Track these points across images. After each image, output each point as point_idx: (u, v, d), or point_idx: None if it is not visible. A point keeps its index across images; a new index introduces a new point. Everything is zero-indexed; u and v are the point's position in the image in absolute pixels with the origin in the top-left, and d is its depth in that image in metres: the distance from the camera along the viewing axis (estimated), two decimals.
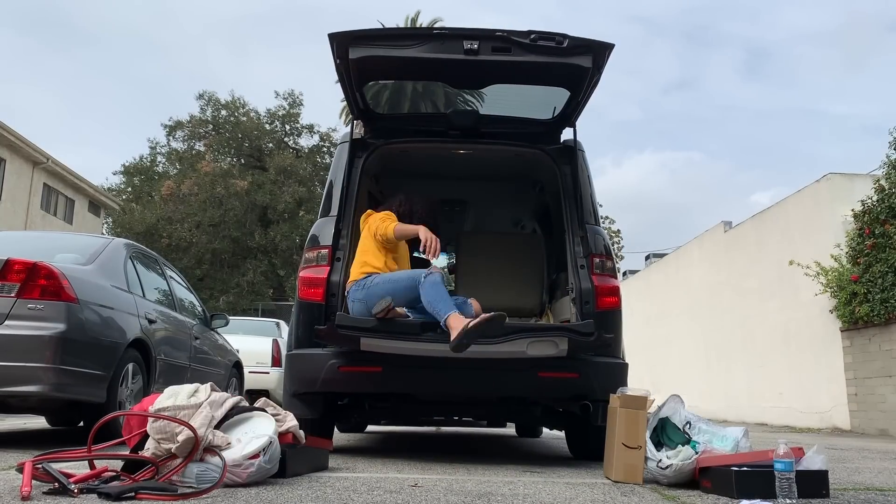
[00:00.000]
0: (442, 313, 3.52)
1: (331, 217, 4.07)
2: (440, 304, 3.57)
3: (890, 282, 8.89)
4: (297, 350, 3.88)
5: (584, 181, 4.21)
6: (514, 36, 3.65)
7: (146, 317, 4.85)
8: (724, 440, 2.92)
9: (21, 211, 22.89)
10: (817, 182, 11.06)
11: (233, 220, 28.28)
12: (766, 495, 2.46)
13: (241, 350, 7.79)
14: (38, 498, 2.11)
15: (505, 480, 2.96)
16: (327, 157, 31.09)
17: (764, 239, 12.59)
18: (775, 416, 11.77)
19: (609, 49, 3.68)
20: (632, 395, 3.08)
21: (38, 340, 3.83)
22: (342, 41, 3.69)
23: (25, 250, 4.30)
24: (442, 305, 3.56)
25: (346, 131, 4.45)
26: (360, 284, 3.74)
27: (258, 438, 2.55)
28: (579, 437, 4.37)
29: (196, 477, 2.40)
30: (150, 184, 31.95)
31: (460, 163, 4.93)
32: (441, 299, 3.57)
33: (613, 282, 3.97)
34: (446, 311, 3.52)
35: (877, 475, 3.66)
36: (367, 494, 2.39)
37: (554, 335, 3.58)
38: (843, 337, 10.06)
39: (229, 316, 7.26)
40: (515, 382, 3.72)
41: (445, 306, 3.55)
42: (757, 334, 12.66)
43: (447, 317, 3.48)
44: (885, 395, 9.12)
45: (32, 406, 4.46)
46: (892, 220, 8.99)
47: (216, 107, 31.49)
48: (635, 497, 2.58)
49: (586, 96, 4.05)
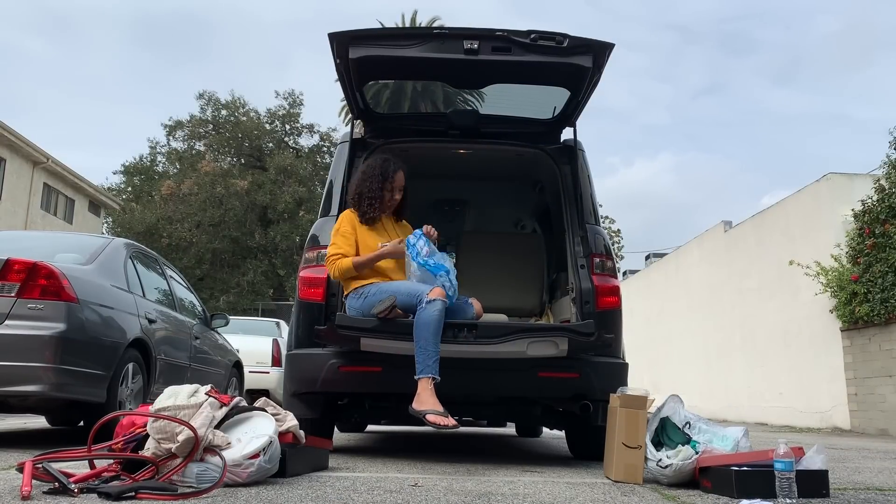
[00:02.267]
0: (420, 364, 3.35)
1: (331, 217, 4.07)
2: (428, 348, 3.36)
3: (890, 282, 8.88)
4: (297, 350, 3.88)
5: (584, 181, 4.21)
6: (515, 36, 3.64)
7: (146, 316, 4.85)
8: (724, 440, 2.92)
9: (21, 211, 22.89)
10: (817, 182, 11.05)
11: (233, 219, 28.28)
12: (766, 495, 2.46)
13: (241, 350, 7.79)
14: (38, 497, 2.11)
15: (505, 480, 2.96)
16: (327, 157, 31.09)
17: (764, 239, 12.58)
18: (775, 416, 11.78)
19: (609, 49, 3.68)
20: (632, 394, 3.08)
21: (38, 340, 3.83)
22: (342, 41, 3.69)
23: (25, 250, 4.30)
24: (427, 353, 3.36)
25: (346, 131, 4.44)
26: (357, 294, 3.69)
27: (258, 438, 2.55)
28: (579, 437, 4.37)
29: (196, 477, 2.40)
30: (150, 183, 31.95)
31: (460, 162, 4.93)
32: (430, 343, 3.36)
33: (614, 281, 3.97)
34: (426, 369, 3.34)
35: (877, 475, 3.66)
36: (367, 494, 2.39)
37: (554, 335, 3.58)
38: (843, 337, 10.06)
39: (229, 316, 7.26)
40: (515, 382, 3.71)
41: (429, 357, 3.35)
42: (757, 334, 12.66)
43: (424, 377, 3.33)
44: (885, 394, 9.12)
45: (32, 406, 4.45)
46: (892, 219, 8.99)
47: (216, 106, 31.51)
48: (635, 497, 2.58)
49: (586, 96, 4.04)
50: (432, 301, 3.40)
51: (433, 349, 3.37)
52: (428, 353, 3.37)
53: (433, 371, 3.35)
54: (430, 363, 3.36)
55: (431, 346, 3.37)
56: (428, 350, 3.37)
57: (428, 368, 3.35)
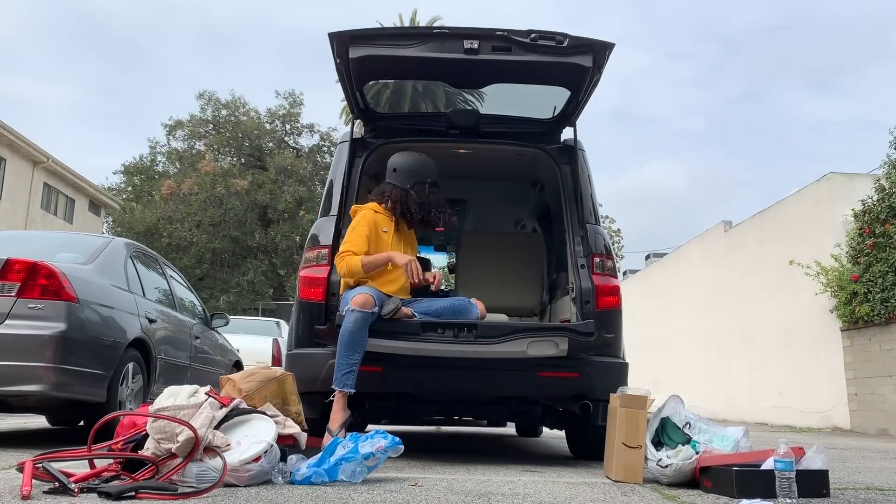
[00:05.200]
0: (337, 377, 3.34)
1: (331, 216, 4.07)
2: (339, 360, 3.34)
3: (890, 281, 8.88)
4: (297, 349, 3.87)
5: (584, 180, 4.21)
6: (515, 35, 3.64)
7: (146, 316, 4.85)
8: (725, 440, 2.93)
9: (21, 210, 22.89)
10: (817, 182, 11.05)
11: (233, 219, 28.27)
12: (766, 495, 2.46)
13: (241, 349, 7.79)
14: (38, 497, 2.11)
15: (505, 480, 2.96)
16: (327, 157, 31.07)
17: (764, 238, 12.58)
18: (775, 416, 11.77)
19: (609, 48, 3.68)
20: (632, 394, 3.08)
21: (39, 340, 3.83)
22: (342, 40, 3.68)
23: (26, 250, 4.30)
24: (339, 365, 3.34)
25: (347, 131, 4.44)
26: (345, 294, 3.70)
27: (258, 444, 2.55)
28: (579, 437, 4.37)
29: (196, 476, 2.40)
30: (151, 183, 31.92)
31: (460, 162, 4.93)
32: (342, 355, 3.34)
33: (614, 281, 3.97)
34: (336, 381, 3.34)
35: (877, 475, 3.66)
36: (367, 494, 2.39)
37: (554, 335, 3.58)
38: (844, 336, 10.05)
39: (229, 315, 7.26)
40: (515, 382, 3.71)
41: (340, 369, 3.34)
42: (757, 334, 12.66)
43: (339, 392, 3.35)
44: (886, 394, 9.12)
45: (32, 405, 4.45)
46: (892, 219, 8.98)
47: (216, 106, 31.48)
48: (635, 497, 2.58)
49: (586, 96, 4.04)
50: (350, 311, 3.41)
51: (344, 361, 3.37)
52: (339, 365, 3.37)
53: (342, 384, 3.37)
54: (340, 376, 3.36)
55: (343, 359, 3.37)
56: (340, 363, 3.37)
57: (338, 381, 3.37)
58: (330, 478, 2.61)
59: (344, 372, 3.37)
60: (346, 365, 3.38)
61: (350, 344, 3.37)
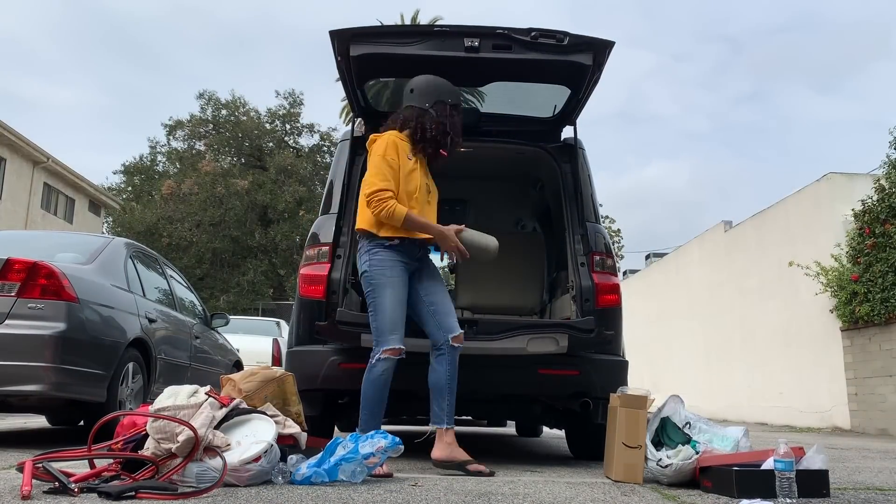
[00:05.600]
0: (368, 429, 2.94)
1: (331, 214, 4.07)
2: (369, 408, 3.10)
3: (890, 281, 8.88)
4: (298, 347, 3.88)
5: (584, 179, 4.21)
6: (515, 34, 3.64)
7: (146, 316, 4.85)
8: (724, 440, 2.92)
9: (21, 210, 22.89)
10: (817, 182, 11.04)
11: (233, 219, 28.28)
12: (766, 495, 2.45)
13: (241, 349, 7.79)
14: (38, 497, 2.11)
15: (505, 480, 2.95)
16: (328, 157, 31.08)
17: (764, 238, 12.58)
18: (775, 416, 11.77)
19: (609, 47, 3.67)
20: (632, 394, 3.08)
21: (39, 340, 3.83)
22: (343, 39, 3.68)
23: (26, 250, 4.30)
24: (370, 412, 3.08)
25: (347, 130, 4.44)
26: (387, 245, 3.23)
27: (258, 444, 2.55)
28: (579, 437, 4.37)
29: (196, 476, 2.40)
30: (151, 183, 31.93)
31: (460, 161, 4.91)
32: (377, 414, 3.10)
33: (614, 279, 3.97)
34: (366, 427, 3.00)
35: (877, 475, 3.66)
36: (367, 494, 2.39)
37: (554, 331, 3.58)
38: (844, 336, 10.05)
39: (229, 315, 7.26)
40: (515, 379, 3.71)
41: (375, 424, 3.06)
42: (757, 334, 12.65)
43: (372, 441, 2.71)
44: (886, 394, 9.12)
45: (32, 405, 4.45)
46: (892, 219, 8.98)
47: (216, 106, 31.49)
48: (635, 496, 2.58)
49: (587, 94, 4.04)
50: (383, 359, 3.13)
51: (371, 424, 3.11)
52: (366, 424, 3.12)
53: (373, 428, 3.05)
54: (370, 427, 3.06)
55: (369, 422, 3.13)
56: (367, 423, 3.13)
57: (368, 428, 3.07)
58: (330, 478, 2.61)
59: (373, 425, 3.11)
60: (374, 424, 3.13)
61: (379, 401, 3.14)
